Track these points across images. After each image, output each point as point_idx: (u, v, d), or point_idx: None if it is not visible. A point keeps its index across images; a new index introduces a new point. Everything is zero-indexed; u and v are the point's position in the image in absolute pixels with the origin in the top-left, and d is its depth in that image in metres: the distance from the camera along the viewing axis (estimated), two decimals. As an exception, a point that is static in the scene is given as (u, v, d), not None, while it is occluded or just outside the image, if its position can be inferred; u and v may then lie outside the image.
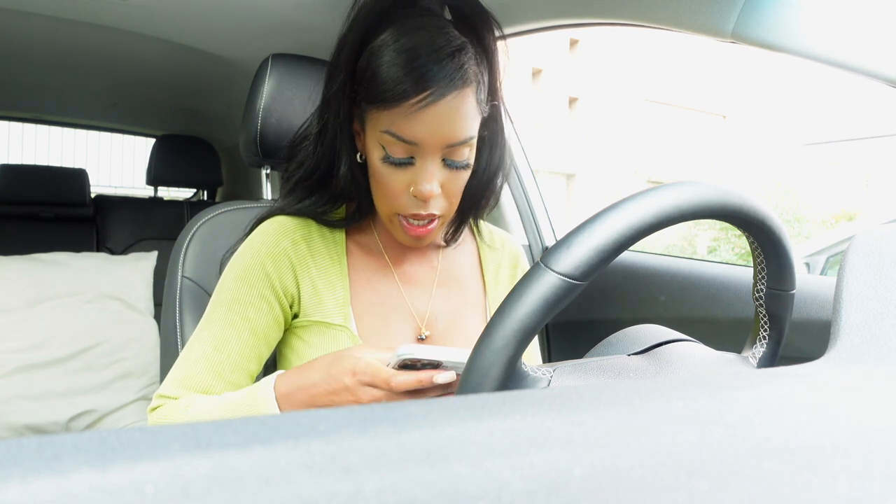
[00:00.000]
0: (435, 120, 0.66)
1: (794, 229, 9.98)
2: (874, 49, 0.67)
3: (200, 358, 0.73)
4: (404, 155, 0.68)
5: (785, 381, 0.33)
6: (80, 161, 7.04)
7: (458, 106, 0.66)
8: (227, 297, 0.75)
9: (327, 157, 0.75)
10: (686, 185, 0.47)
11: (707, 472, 0.20)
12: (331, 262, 0.78)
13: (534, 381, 0.48)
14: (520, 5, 1.07)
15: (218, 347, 0.73)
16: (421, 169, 0.69)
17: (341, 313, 0.77)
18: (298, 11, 1.21)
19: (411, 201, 0.71)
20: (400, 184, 0.70)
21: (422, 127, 0.66)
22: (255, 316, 0.74)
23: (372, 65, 0.67)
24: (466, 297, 0.85)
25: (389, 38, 0.66)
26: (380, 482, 0.17)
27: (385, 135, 0.67)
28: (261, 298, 0.74)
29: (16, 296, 1.60)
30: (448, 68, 0.64)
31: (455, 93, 0.65)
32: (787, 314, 0.57)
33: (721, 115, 16.98)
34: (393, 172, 0.70)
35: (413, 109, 0.65)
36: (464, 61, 0.66)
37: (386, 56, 0.66)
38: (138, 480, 0.16)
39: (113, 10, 1.27)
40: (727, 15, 0.75)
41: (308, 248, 0.77)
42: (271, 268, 0.75)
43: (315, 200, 0.78)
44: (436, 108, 0.65)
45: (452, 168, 0.70)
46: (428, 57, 0.64)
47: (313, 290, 0.77)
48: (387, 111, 0.66)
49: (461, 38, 0.67)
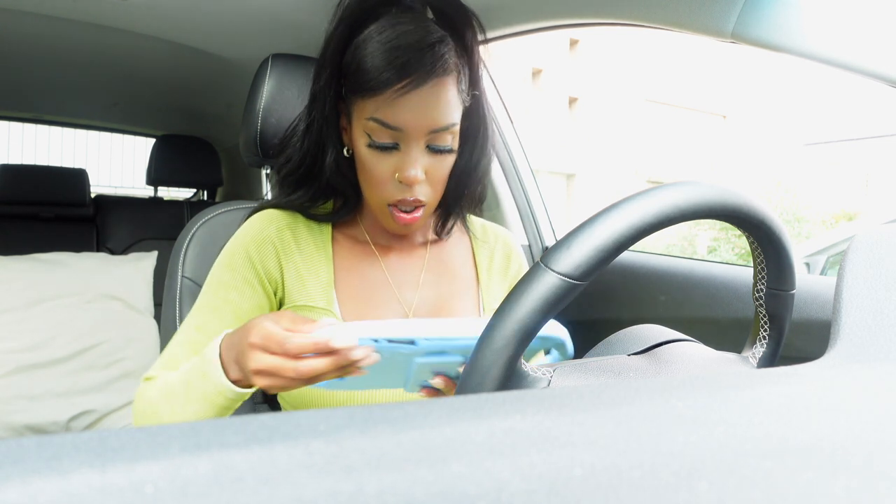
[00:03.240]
0: (418, 106, 0.69)
1: (794, 229, 9.98)
2: (874, 49, 0.67)
3: (183, 341, 0.75)
4: (389, 140, 0.71)
5: (785, 381, 0.33)
6: (80, 161, 7.04)
7: (439, 93, 0.70)
8: (211, 283, 0.77)
9: (313, 151, 0.77)
10: (686, 185, 0.47)
11: (707, 472, 0.20)
12: (316, 249, 0.80)
13: (534, 381, 0.48)
14: (520, 5, 1.07)
15: (200, 330, 0.75)
16: (405, 154, 0.71)
17: (324, 297, 0.78)
18: (298, 11, 1.21)
19: (397, 188, 0.73)
20: (385, 171, 0.72)
21: (405, 113, 0.69)
22: (238, 299, 0.76)
23: (357, 57, 0.70)
24: (457, 286, 0.86)
25: (373, 31, 0.70)
26: (380, 482, 0.17)
27: (370, 122, 0.70)
28: (244, 282, 0.76)
29: (16, 296, 1.60)
30: (428, 57, 0.68)
31: (435, 80, 0.69)
32: (787, 314, 0.57)
33: (721, 115, 16.98)
34: (378, 159, 0.72)
35: (396, 95, 0.68)
36: (443, 52, 0.69)
37: (370, 48, 0.69)
38: (138, 480, 0.16)
39: (113, 10, 1.27)
40: (727, 15, 0.75)
41: (293, 236, 0.80)
42: (254, 253, 0.77)
43: (302, 194, 0.80)
44: (417, 94, 0.68)
45: (436, 152, 0.73)
46: (409, 46, 0.68)
47: (297, 276, 0.78)
48: (371, 99, 0.69)
49: (441, 31, 0.70)
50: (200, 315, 0.76)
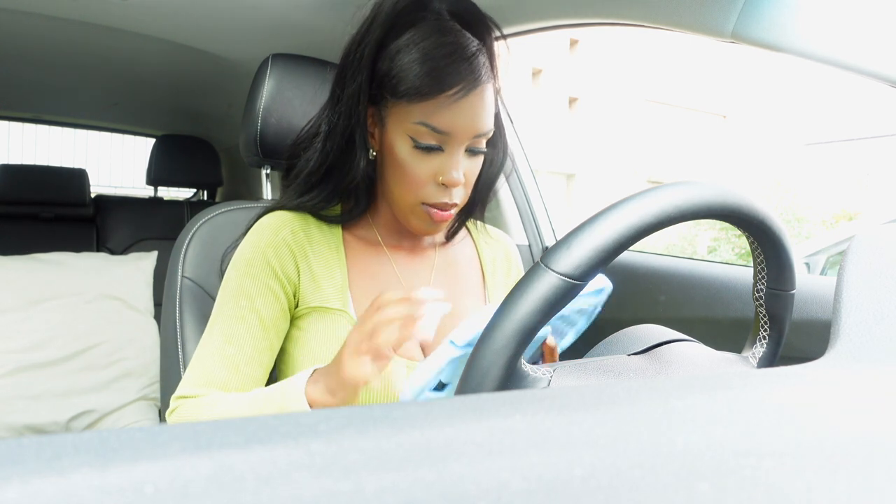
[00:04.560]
0: (466, 112, 0.71)
1: (794, 229, 9.97)
2: (874, 49, 0.67)
3: (213, 354, 0.74)
4: (434, 143, 0.73)
5: (785, 381, 0.33)
6: (80, 161, 7.03)
7: (484, 99, 0.73)
8: (232, 291, 0.76)
9: (336, 153, 0.78)
10: (686, 185, 0.47)
11: (707, 472, 0.20)
12: (328, 250, 0.80)
13: (534, 381, 0.48)
14: (520, 5, 1.07)
15: (230, 342, 0.74)
16: (449, 157, 0.73)
17: (340, 298, 0.78)
18: (298, 11, 1.21)
19: (436, 190, 0.75)
20: (426, 172, 0.74)
21: (455, 118, 0.71)
22: (263, 307, 0.75)
23: (399, 63, 0.71)
24: (465, 285, 0.88)
25: (414, 38, 0.71)
26: (380, 482, 0.17)
27: (419, 126, 0.72)
28: (266, 289, 0.76)
29: (16, 296, 1.60)
30: (474, 65, 0.71)
31: (482, 87, 0.72)
32: (787, 314, 0.57)
33: (721, 115, 16.96)
34: (421, 161, 0.73)
35: (447, 102, 0.70)
36: (484, 60, 0.72)
37: (413, 54, 0.71)
38: (138, 480, 0.16)
39: (113, 10, 1.27)
40: (727, 15, 0.75)
41: (306, 238, 0.80)
42: (273, 258, 0.77)
43: (314, 196, 0.80)
44: (466, 100, 0.71)
45: (473, 155, 0.76)
46: (454, 56, 0.70)
47: (312, 278, 0.78)
48: (419, 104, 0.71)
49: (476, 40, 0.73)
50: (227, 326, 0.75)
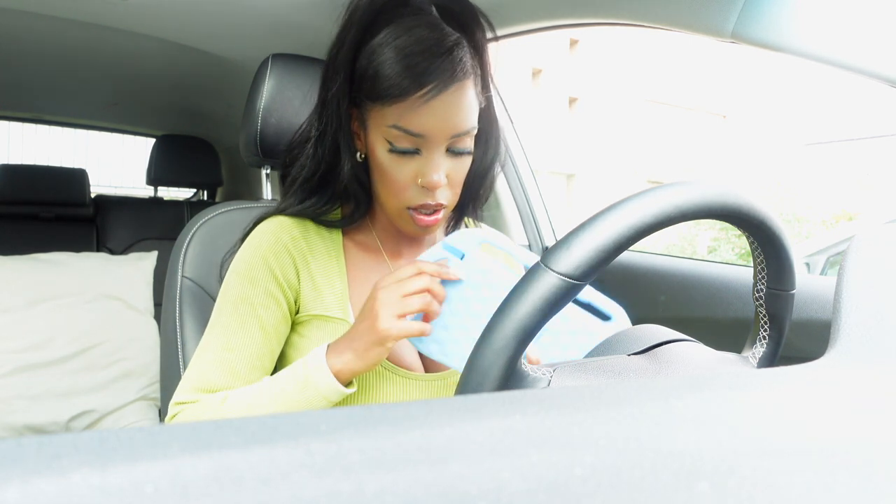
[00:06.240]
0: (440, 112, 0.68)
1: (794, 229, 9.96)
2: (874, 49, 0.67)
3: (213, 360, 0.73)
4: (410, 146, 0.71)
5: (785, 381, 0.33)
6: (80, 161, 7.02)
7: (460, 98, 0.69)
8: (233, 297, 0.75)
9: (328, 158, 0.76)
10: (686, 185, 0.47)
11: (707, 472, 0.20)
12: (328, 257, 0.79)
13: (534, 381, 0.48)
14: (520, 5, 1.07)
15: (230, 347, 0.73)
16: (427, 160, 0.71)
17: (340, 307, 0.77)
18: (298, 11, 1.21)
19: (419, 192, 0.72)
20: (406, 176, 0.72)
21: (427, 119, 0.68)
22: (264, 313, 0.74)
23: (373, 63, 0.69)
24: None
25: (388, 36, 0.68)
26: (380, 482, 0.17)
27: (392, 129, 0.69)
28: (267, 295, 0.75)
29: (16, 296, 1.59)
30: (447, 62, 0.67)
31: (456, 85, 0.68)
32: (787, 314, 0.57)
33: (721, 115, 16.96)
34: (399, 164, 0.71)
35: (418, 103, 0.67)
36: (461, 55, 0.68)
37: (387, 54, 0.68)
38: (138, 480, 0.16)
39: (113, 10, 1.27)
40: (727, 15, 0.75)
41: (307, 244, 0.78)
42: (274, 263, 0.75)
43: (315, 201, 0.79)
44: (439, 100, 0.67)
45: (456, 155, 0.72)
46: (428, 52, 0.67)
47: (312, 285, 0.77)
48: (391, 107, 0.68)
49: (455, 34, 0.69)
50: (226, 334, 0.74)
